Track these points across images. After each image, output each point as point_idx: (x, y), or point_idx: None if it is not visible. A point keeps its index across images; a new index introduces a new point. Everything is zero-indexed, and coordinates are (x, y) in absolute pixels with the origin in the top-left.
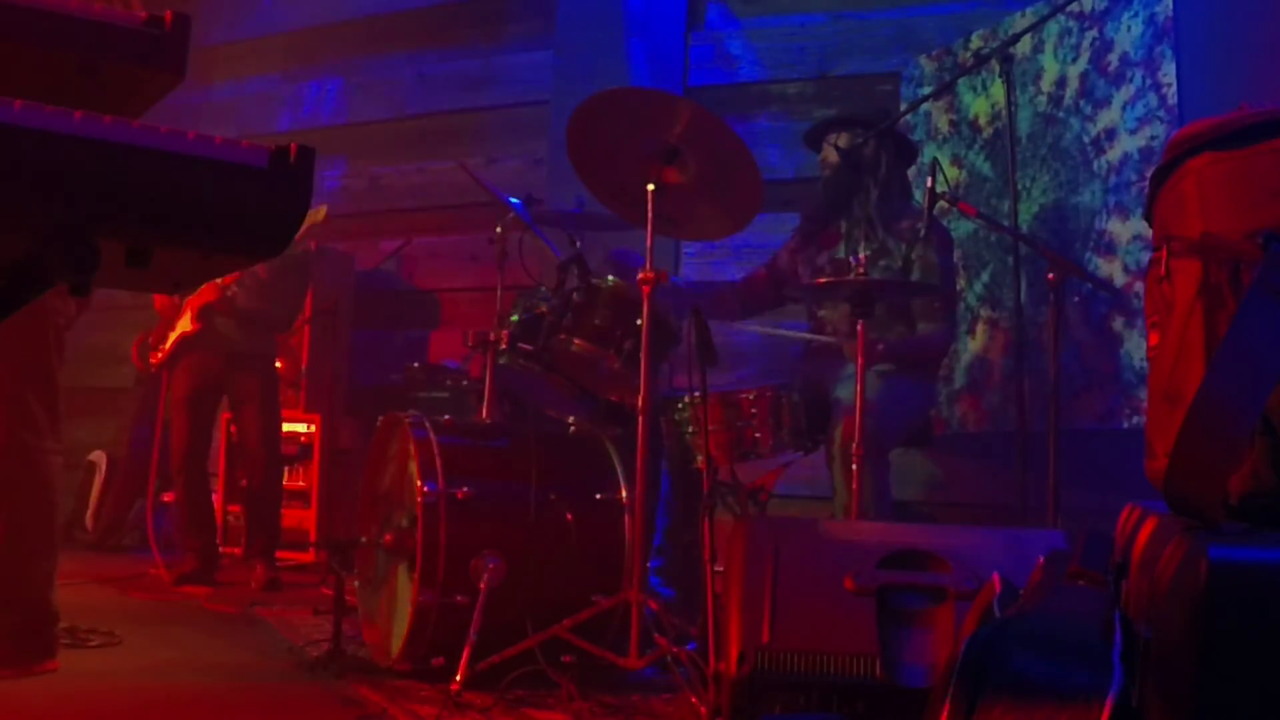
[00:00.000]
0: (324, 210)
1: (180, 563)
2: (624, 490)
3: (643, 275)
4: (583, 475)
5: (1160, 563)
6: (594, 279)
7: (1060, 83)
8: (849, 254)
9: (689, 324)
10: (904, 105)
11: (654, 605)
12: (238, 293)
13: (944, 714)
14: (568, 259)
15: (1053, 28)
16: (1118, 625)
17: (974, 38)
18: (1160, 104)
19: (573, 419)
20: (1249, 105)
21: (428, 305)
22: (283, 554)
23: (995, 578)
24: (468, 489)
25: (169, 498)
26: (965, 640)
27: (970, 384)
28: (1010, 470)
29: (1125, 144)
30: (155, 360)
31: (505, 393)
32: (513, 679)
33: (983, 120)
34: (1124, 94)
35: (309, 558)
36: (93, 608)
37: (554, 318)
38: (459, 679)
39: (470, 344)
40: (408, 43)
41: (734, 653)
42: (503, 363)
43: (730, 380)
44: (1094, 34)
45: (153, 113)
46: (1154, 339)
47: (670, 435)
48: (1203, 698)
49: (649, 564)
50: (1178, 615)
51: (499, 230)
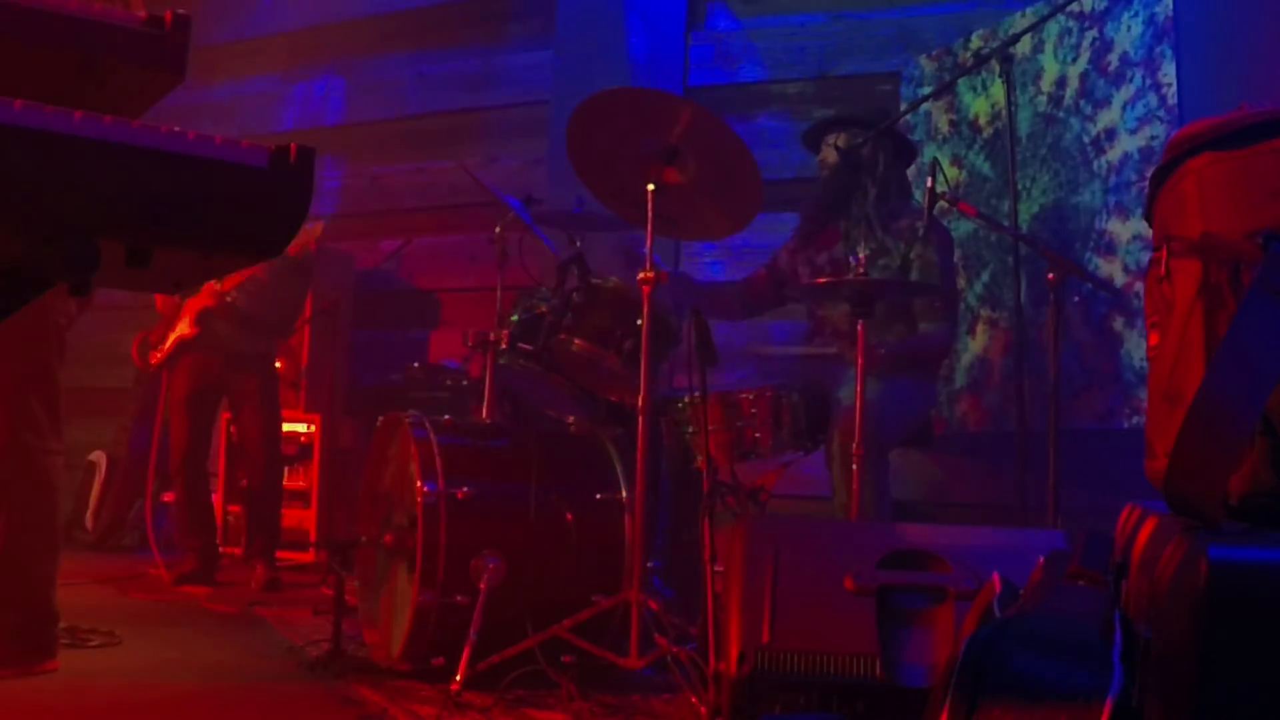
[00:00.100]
0: (320, 228)
1: (180, 563)
2: (624, 490)
3: (643, 275)
4: (583, 475)
5: (1160, 563)
6: (594, 279)
7: (1060, 83)
8: (848, 254)
9: (689, 324)
10: (904, 105)
11: (654, 605)
12: (238, 297)
13: (944, 714)
14: (568, 259)
15: (1053, 28)
16: (1118, 625)
17: (974, 38)
18: (1160, 104)
19: (573, 419)
20: (1249, 105)
21: (428, 305)
22: (283, 554)
23: (995, 578)
24: (468, 489)
25: (169, 498)
26: (965, 640)
27: (970, 384)
28: (1010, 470)
29: (1125, 144)
30: (155, 360)
31: (505, 393)
32: (513, 679)
33: (983, 120)
34: (1124, 94)
35: (309, 558)
36: (93, 608)
37: (554, 318)
38: (459, 679)
39: (470, 344)
40: (408, 43)
41: (734, 653)
42: (503, 363)
43: (730, 380)
44: (1094, 34)
45: (153, 113)
46: (1154, 339)
47: (670, 435)
48: (1203, 698)
49: (650, 564)
50: (1178, 615)
51: (499, 230)
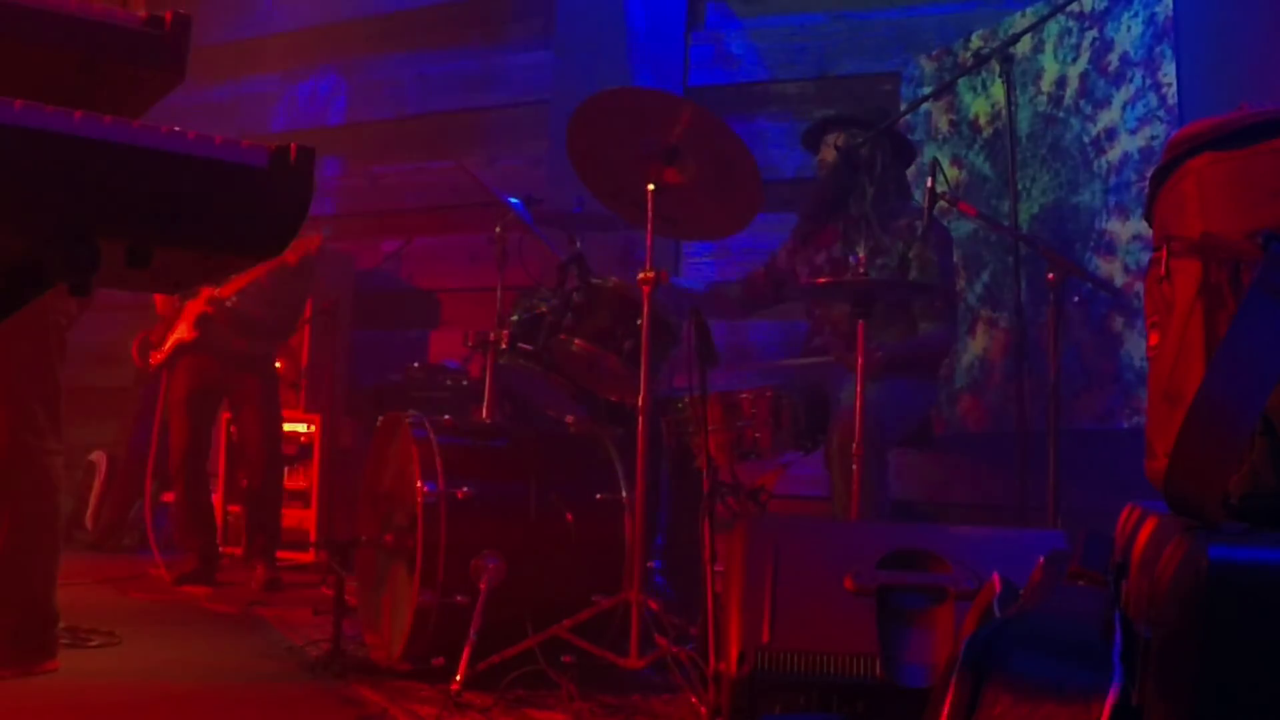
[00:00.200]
0: (319, 239)
1: (180, 563)
2: (624, 490)
3: (643, 275)
4: (583, 475)
5: (1160, 563)
6: (594, 279)
7: (1060, 83)
8: (846, 253)
9: (689, 324)
10: (904, 105)
11: (654, 605)
12: (238, 302)
13: (944, 714)
14: (568, 259)
15: (1053, 28)
16: (1118, 625)
17: (974, 38)
18: (1160, 104)
19: (573, 419)
20: (1249, 105)
21: (428, 305)
22: (283, 554)
23: (995, 578)
24: (468, 489)
25: (169, 498)
26: (965, 640)
27: (970, 384)
28: (1010, 470)
29: (1125, 144)
30: (155, 360)
31: (505, 393)
32: (513, 679)
33: (983, 120)
34: (1124, 94)
35: (309, 558)
36: (93, 608)
37: (554, 318)
38: (459, 679)
39: (470, 344)
40: (408, 43)
41: (734, 653)
42: (503, 363)
43: (730, 380)
44: (1094, 34)
45: (153, 113)
46: (1154, 339)
47: (670, 435)
48: (1203, 697)
49: (650, 564)
50: (1178, 615)
51: (499, 230)
